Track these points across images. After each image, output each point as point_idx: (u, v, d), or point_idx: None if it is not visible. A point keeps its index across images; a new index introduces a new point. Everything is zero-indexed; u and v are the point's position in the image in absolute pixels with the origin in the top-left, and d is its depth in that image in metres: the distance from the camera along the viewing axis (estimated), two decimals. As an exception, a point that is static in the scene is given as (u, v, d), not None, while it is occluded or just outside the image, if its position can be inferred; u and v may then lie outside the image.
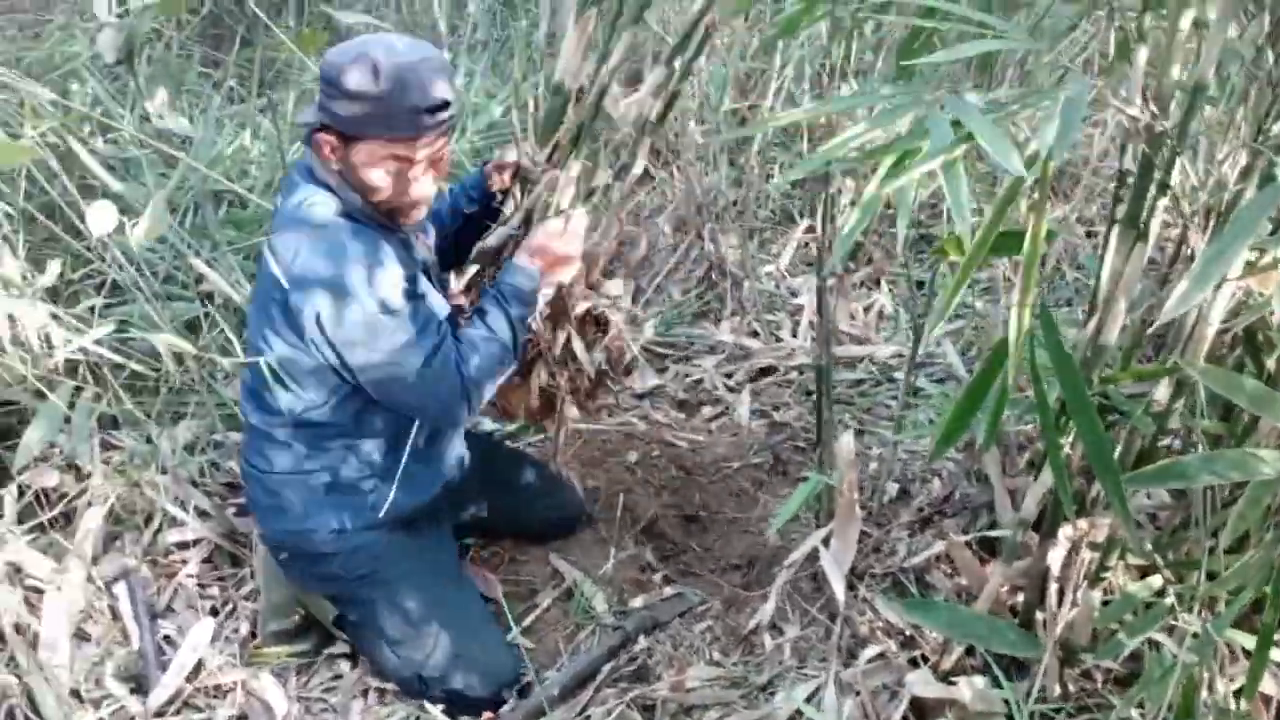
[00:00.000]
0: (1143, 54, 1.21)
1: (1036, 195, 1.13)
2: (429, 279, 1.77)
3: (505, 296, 1.69)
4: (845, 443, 1.79)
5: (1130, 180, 1.31)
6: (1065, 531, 1.56)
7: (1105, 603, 1.51)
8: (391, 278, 1.59)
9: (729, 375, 2.82)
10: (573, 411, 1.93)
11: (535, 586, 2.02)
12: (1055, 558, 1.57)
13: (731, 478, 2.45)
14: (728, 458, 2.49)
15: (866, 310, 3.15)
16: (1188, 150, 1.35)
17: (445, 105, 1.55)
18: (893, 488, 2.06)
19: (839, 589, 1.70)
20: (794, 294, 3.15)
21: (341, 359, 1.60)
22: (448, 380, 1.63)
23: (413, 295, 1.63)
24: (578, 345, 1.85)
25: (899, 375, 2.78)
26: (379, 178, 1.59)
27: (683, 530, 2.29)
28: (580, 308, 1.84)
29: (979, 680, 1.53)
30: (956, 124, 1.05)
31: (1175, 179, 1.29)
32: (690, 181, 3.00)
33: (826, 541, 1.79)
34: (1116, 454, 1.40)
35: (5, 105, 2.44)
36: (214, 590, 1.99)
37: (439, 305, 1.73)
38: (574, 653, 1.87)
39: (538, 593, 2.00)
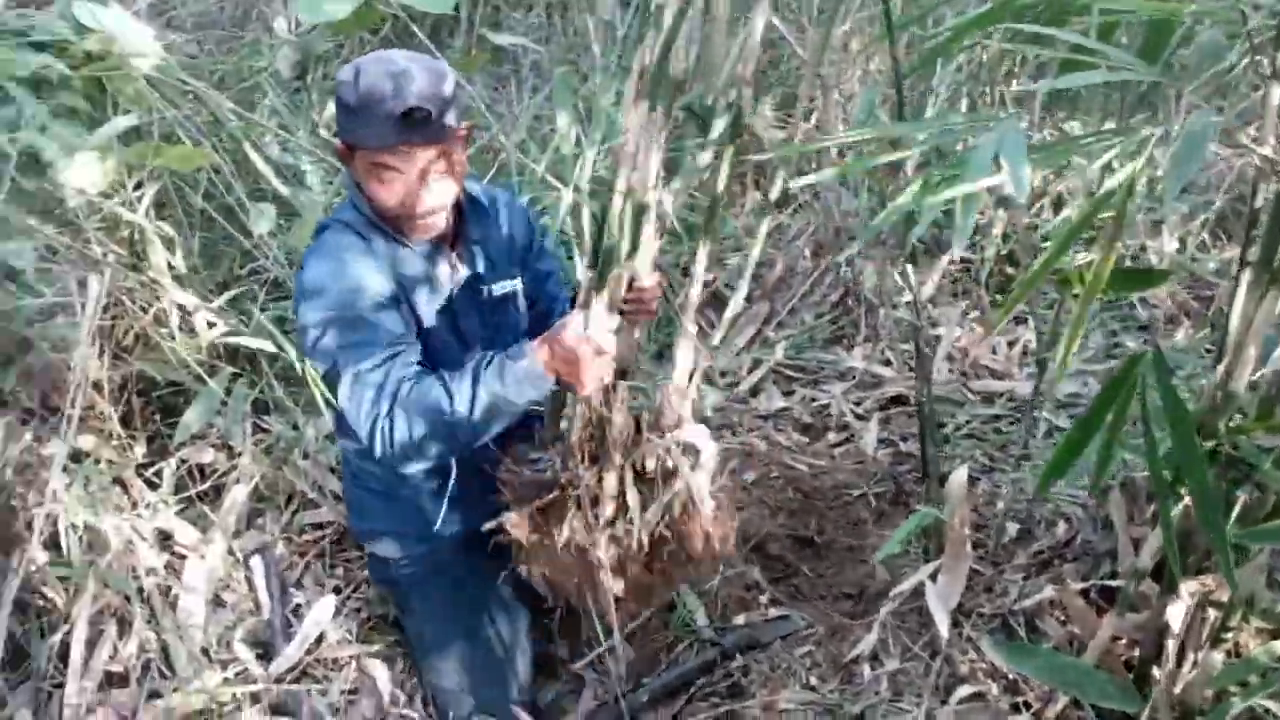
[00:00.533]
0: (1277, 92, 1.14)
1: (1109, 227, 1.09)
2: (450, 304, 1.70)
3: (491, 371, 1.47)
4: (958, 478, 1.74)
5: (1261, 220, 1.23)
6: (1188, 587, 1.47)
7: (1227, 664, 1.42)
8: (359, 279, 1.56)
9: (858, 403, 2.78)
10: (616, 585, 1.55)
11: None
12: (1175, 614, 1.49)
13: (851, 505, 2.41)
14: (848, 485, 2.45)
15: (1011, 345, 3.05)
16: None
17: (422, 113, 1.46)
18: (1013, 528, 1.98)
19: (942, 625, 1.65)
20: (934, 324, 3.07)
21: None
22: (365, 406, 1.49)
23: (384, 306, 1.57)
24: (632, 496, 1.50)
25: (1036, 414, 2.67)
26: (375, 188, 1.56)
27: (795, 553, 2.27)
28: (646, 452, 1.50)
29: (1083, 733, 1.46)
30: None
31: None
32: (829, 205, 2.98)
33: (934, 576, 1.75)
34: (1241, 508, 1.32)
35: (195, 115, 2.66)
36: (340, 570, 2.11)
37: (430, 327, 1.67)
38: (671, 665, 1.88)
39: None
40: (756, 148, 3.78)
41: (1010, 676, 1.61)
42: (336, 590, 2.04)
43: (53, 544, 1.69)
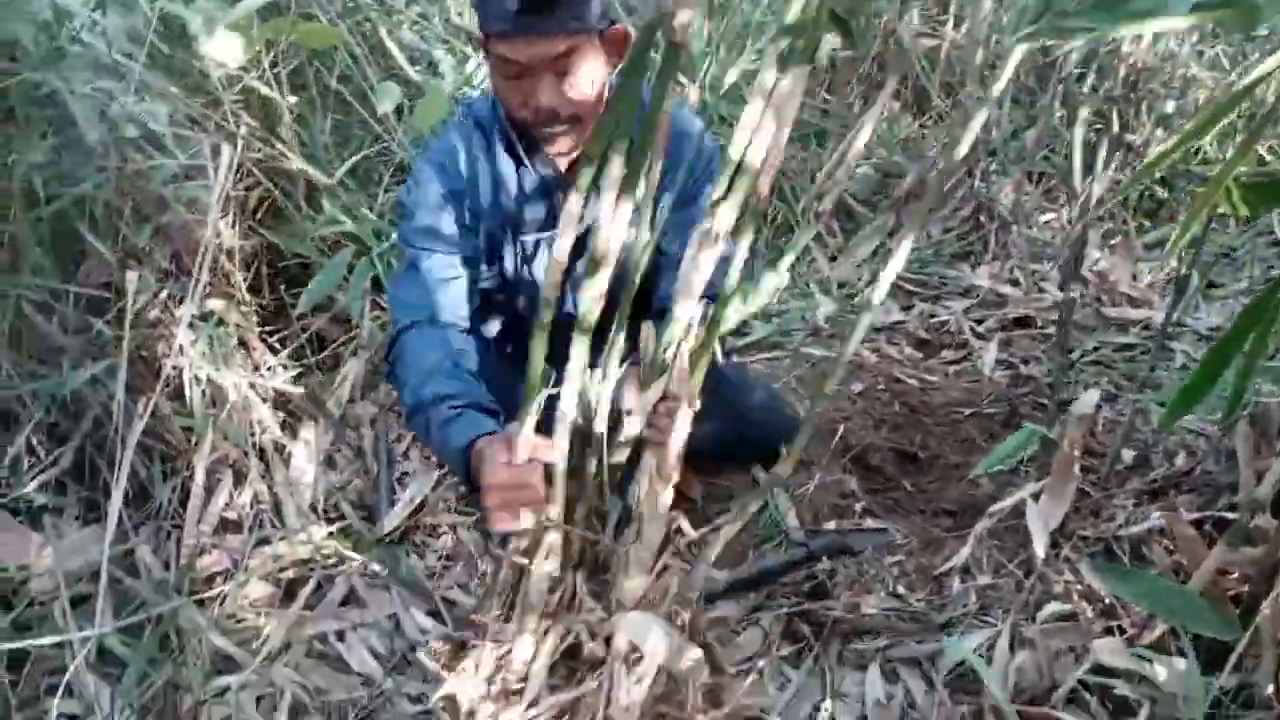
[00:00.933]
0: None
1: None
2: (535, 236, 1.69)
3: (445, 419, 1.43)
4: (1087, 399, 1.65)
5: None
6: (1313, 525, 1.38)
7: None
8: (441, 198, 1.62)
9: (979, 321, 2.67)
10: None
11: (732, 493, 2.04)
12: (1294, 550, 1.39)
13: (960, 424, 2.34)
14: (959, 403, 2.38)
15: (1153, 270, 2.87)
16: None
17: (540, 5, 1.37)
18: (1129, 455, 1.88)
19: (1040, 544, 1.59)
20: (1069, 238, 2.91)
21: None
22: (393, 315, 1.66)
23: (447, 238, 1.61)
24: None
25: (1175, 345, 2.52)
26: (496, 83, 1.51)
27: (897, 467, 2.23)
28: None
29: (1179, 662, 1.40)
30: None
31: None
32: (969, 115, 2.82)
33: (1037, 496, 1.69)
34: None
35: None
36: (445, 446, 2.18)
37: (522, 270, 1.70)
38: (755, 560, 1.88)
39: (732, 499, 2.03)
40: (900, 57, 3.62)
41: (1106, 600, 1.55)
42: (440, 464, 2.11)
43: (177, 396, 1.80)
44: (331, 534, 1.83)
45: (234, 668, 1.62)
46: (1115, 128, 3.05)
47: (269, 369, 2.02)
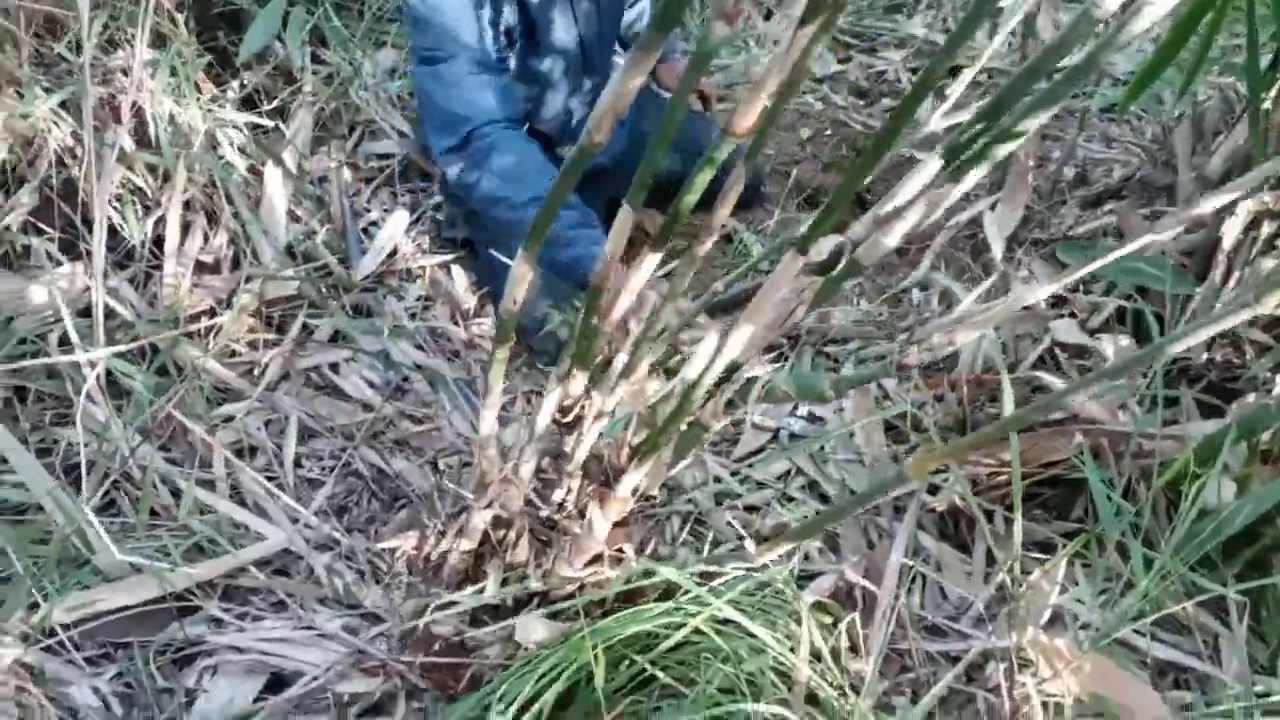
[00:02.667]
0: None
1: None
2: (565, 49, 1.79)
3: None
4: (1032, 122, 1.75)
5: None
6: (1246, 204, 1.52)
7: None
8: None
9: (915, 71, 2.73)
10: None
11: (697, 229, 2.10)
12: (1231, 228, 1.54)
13: (905, 165, 2.43)
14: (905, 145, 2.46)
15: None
16: None
17: None
18: (1070, 172, 2.01)
19: (997, 248, 1.72)
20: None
21: None
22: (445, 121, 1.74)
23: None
24: None
25: (1109, 61, 2.63)
26: None
27: (848, 209, 2.32)
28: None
29: (1124, 338, 1.55)
30: None
31: None
32: None
33: (993, 207, 1.80)
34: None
35: None
36: (407, 198, 2.17)
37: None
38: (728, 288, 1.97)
39: (694, 237, 2.09)
40: None
41: (1061, 293, 1.69)
42: (412, 209, 2.11)
43: (138, 137, 1.73)
44: (310, 276, 1.84)
45: (235, 397, 1.65)
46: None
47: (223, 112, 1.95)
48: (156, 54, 1.72)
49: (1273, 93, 1.38)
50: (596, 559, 1.18)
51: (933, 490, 1.45)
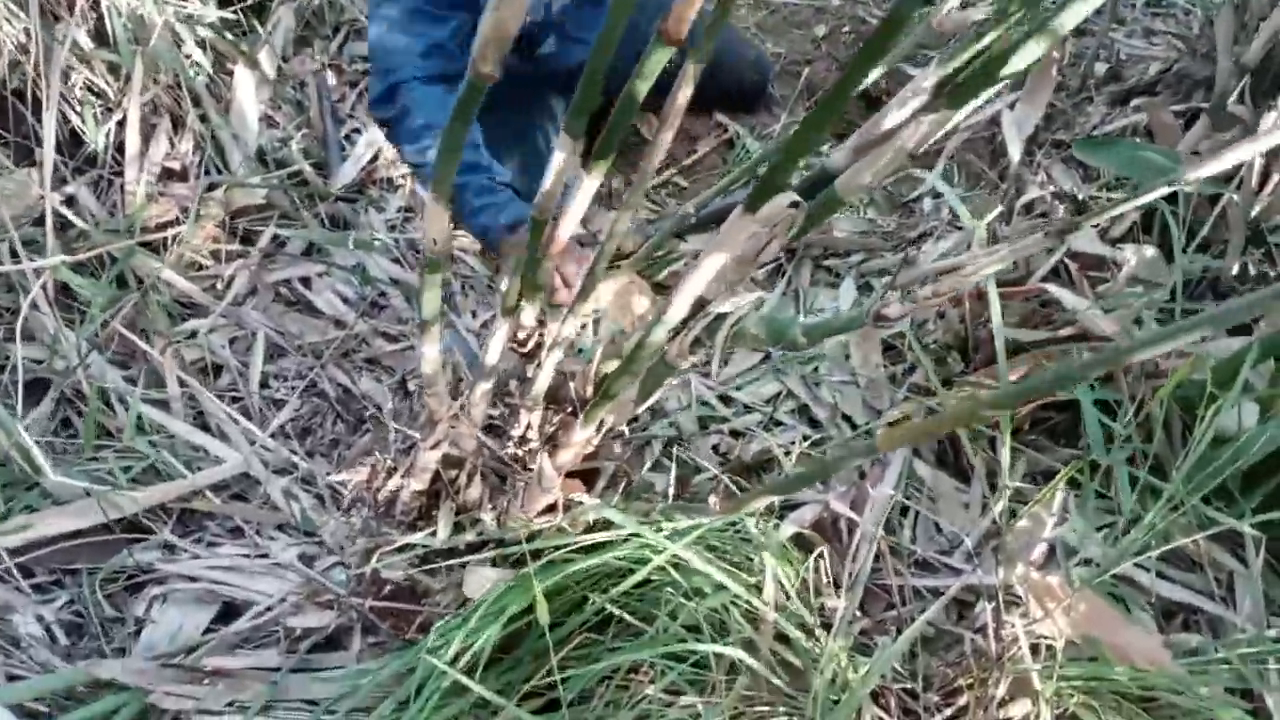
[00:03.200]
0: None
1: None
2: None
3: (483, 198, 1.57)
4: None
5: None
6: (1291, 101, 1.36)
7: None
8: None
9: (943, -36, 2.54)
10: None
11: (696, 134, 1.98)
12: (1270, 122, 1.39)
13: (927, 65, 2.26)
14: (926, 45, 2.29)
15: None
16: None
17: None
18: (1101, 69, 1.84)
19: (1015, 149, 1.57)
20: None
21: None
22: (384, 58, 1.58)
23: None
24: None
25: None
26: None
27: (861, 113, 2.17)
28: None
29: (1149, 249, 1.42)
30: None
31: None
32: None
33: (1012, 106, 1.65)
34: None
35: None
36: (391, 102, 2.05)
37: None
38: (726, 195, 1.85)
39: (698, 140, 1.97)
40: None
41: (1081, 198, 1.55)
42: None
43: (96, 35, 1.63)
44: (283, 184, 1.74)
45: (198, 313, 1.58)
46: None
47: (189, 17, 1.84)
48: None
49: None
50: (551, 508, 1.10)
51: (931, 413, 1.34)
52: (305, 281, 1.67)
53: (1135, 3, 2.35)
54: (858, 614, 1.13)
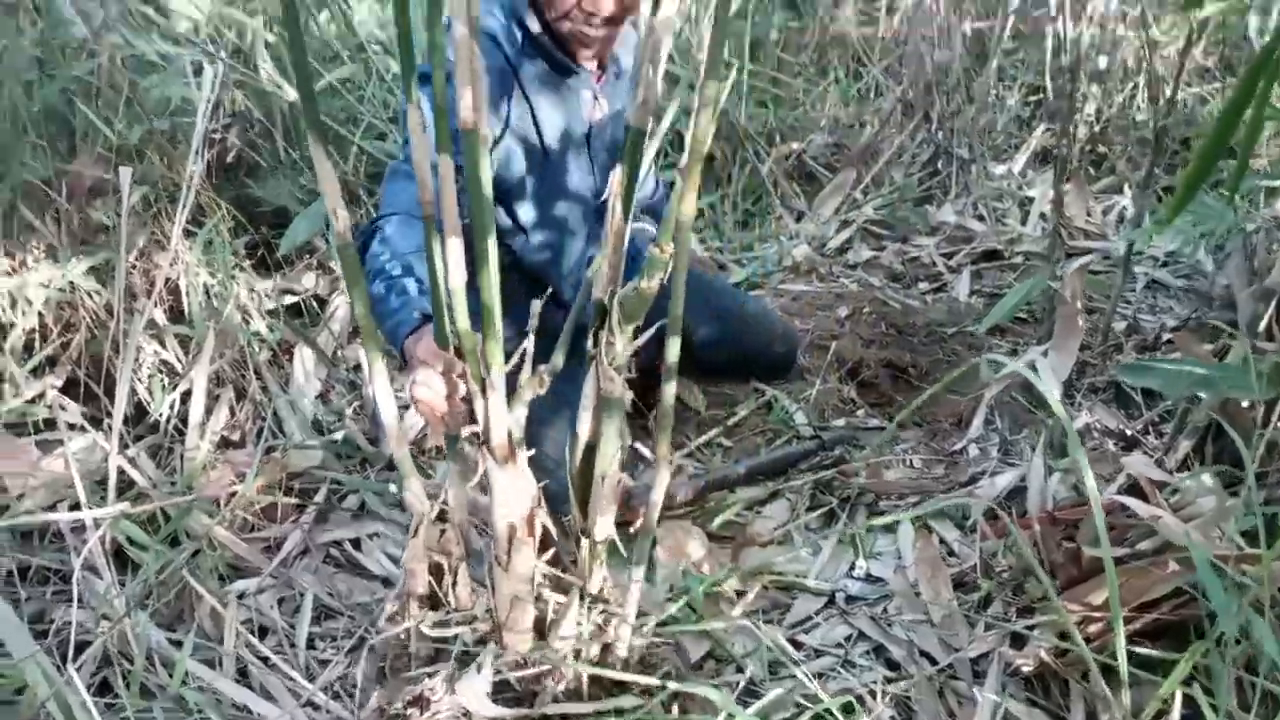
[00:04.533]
0: None
1: None
2: (569, 146, 1.65)
3: (394, 302, 1.36)
4: (1078, 264, 1.71)
5: None
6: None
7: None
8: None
9: (949, 255, 2.73)
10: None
11: (735, 399, 2.04)
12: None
13: (945, 342, 2.37)
14: (943, 323, 2.41)
15: (1105, 212, 2.98)
16: None
17: None
18: (1120, 325, 1.93)
19: (1054, 390, 1.62)
20: (1024, 186, 3.01)
21: None
22: (383, 204, 1.51)
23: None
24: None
25: (1135, 269, 2.60)
26: None
27: (891, 383, 2.24)
28: None
29: (1206, 476, 1.42)
30: None
31: None
32: (921, 58, 2.92)
33: (1045, 354, 1.72)
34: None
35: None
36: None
37: (557, 159, 1.63)
38: (771, 450, 1.87)
39: (738, 404, 2.02)
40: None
41: (1128, 432, 1.57)
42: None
43: (172, 312, 1.74)
44: (338, 450, 1.78)
45: (248, 572, 1.55)
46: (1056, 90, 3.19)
47: (258, 293, 1.97)
48: (195, 230, 1.75)
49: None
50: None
51: (1016, 641, 1.28)
52: (355, 543, 1.66)
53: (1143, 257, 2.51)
54: None
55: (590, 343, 1.17)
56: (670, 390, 1.11)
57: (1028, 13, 3.57)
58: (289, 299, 2.10)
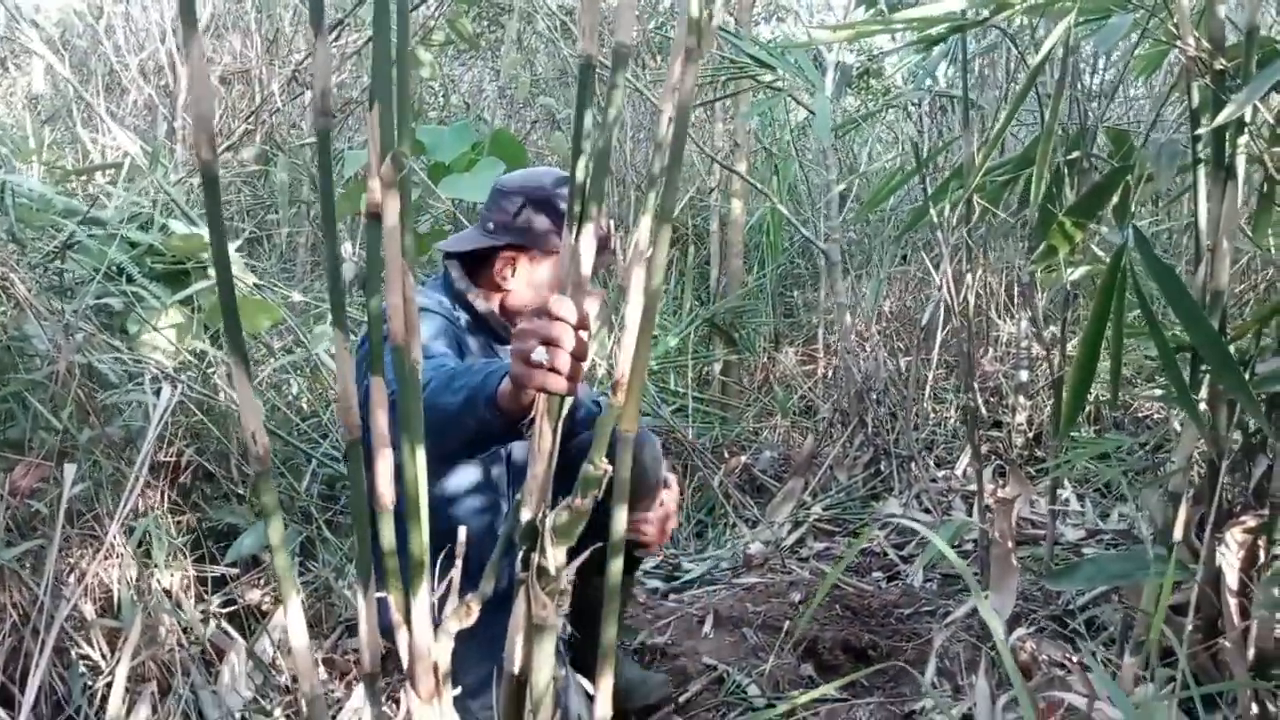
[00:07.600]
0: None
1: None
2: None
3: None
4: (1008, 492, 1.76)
5: (1203, 120, 1.40)
6: (1233, 534, 1.46)
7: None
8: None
9: (899, 546, 2.76)
10: None
11: (688, 674, 1.97)
12: (1229, 562, 1.46)
13: (903, 624, 2.33)
14: (899, 605, 2.39)
15: (1052, 502, 3.05)
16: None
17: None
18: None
19: (998, 628, 1.60)
20: (968, 482, 3.11)
21: None
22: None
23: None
24: None
25: (1087, 552, 2.62)
26: (532, 286, 1.69)
27: (849, 663, 2.18)
28: None
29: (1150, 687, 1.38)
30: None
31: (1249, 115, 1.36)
32: (850, 370, 3.14)
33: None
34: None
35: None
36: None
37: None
38: (723, 725, 1.79)
39: (690, 680, 1.95)
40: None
41: (1074, 659, 1.53)
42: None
43: (105, 603, 1.72)
44: (263, 748, 1.68)
45: None
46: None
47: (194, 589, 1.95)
48: (134, 524, 1.78)
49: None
50: None
51: None
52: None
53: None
54: None
55: (520, 566, 1.13)
56: (611, 633, 1.03)
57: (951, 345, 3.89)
58: (229, 608, 2.08)
